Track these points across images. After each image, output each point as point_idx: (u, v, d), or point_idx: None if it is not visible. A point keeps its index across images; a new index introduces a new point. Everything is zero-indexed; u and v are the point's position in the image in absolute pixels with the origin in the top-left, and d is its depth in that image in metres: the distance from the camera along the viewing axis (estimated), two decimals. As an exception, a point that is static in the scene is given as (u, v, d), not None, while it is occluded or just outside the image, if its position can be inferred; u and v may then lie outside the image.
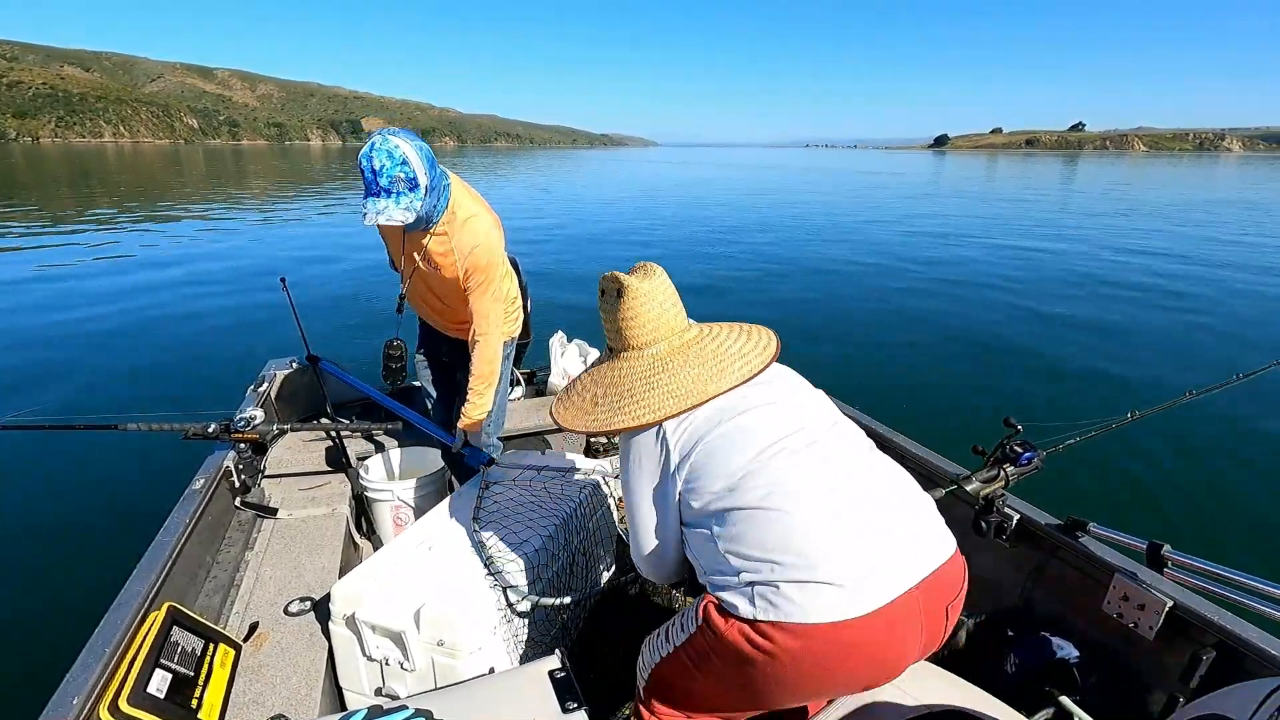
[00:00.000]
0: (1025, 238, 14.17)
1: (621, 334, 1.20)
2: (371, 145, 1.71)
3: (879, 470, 1.11)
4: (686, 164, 73.30)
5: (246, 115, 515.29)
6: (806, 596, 0.94)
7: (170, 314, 7.39)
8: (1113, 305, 8.14)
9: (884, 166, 70.51)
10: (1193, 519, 3.56)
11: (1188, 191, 32.00)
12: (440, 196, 1.85)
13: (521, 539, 1.64)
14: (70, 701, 1.11)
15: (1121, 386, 5.43)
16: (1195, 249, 12.94)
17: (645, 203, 22.35)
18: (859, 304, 8.24)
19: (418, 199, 1.76)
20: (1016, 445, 1.61)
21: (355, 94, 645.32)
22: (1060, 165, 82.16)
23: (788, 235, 14.61)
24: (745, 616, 0.97)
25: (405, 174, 1.71)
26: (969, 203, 23.79)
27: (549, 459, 2.09)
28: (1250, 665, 1.22)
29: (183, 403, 4.83)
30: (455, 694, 1.14)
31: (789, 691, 1.03)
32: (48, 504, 3.55)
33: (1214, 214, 20.15)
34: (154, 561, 1.49)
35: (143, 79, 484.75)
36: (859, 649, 0.96)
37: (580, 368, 3.13)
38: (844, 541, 0.98)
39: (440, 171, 1.84)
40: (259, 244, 12.51)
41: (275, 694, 1.42)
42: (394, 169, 1.70)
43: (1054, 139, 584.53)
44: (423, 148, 1.77)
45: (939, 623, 1.03)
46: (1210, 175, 54.70)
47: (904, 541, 1.02)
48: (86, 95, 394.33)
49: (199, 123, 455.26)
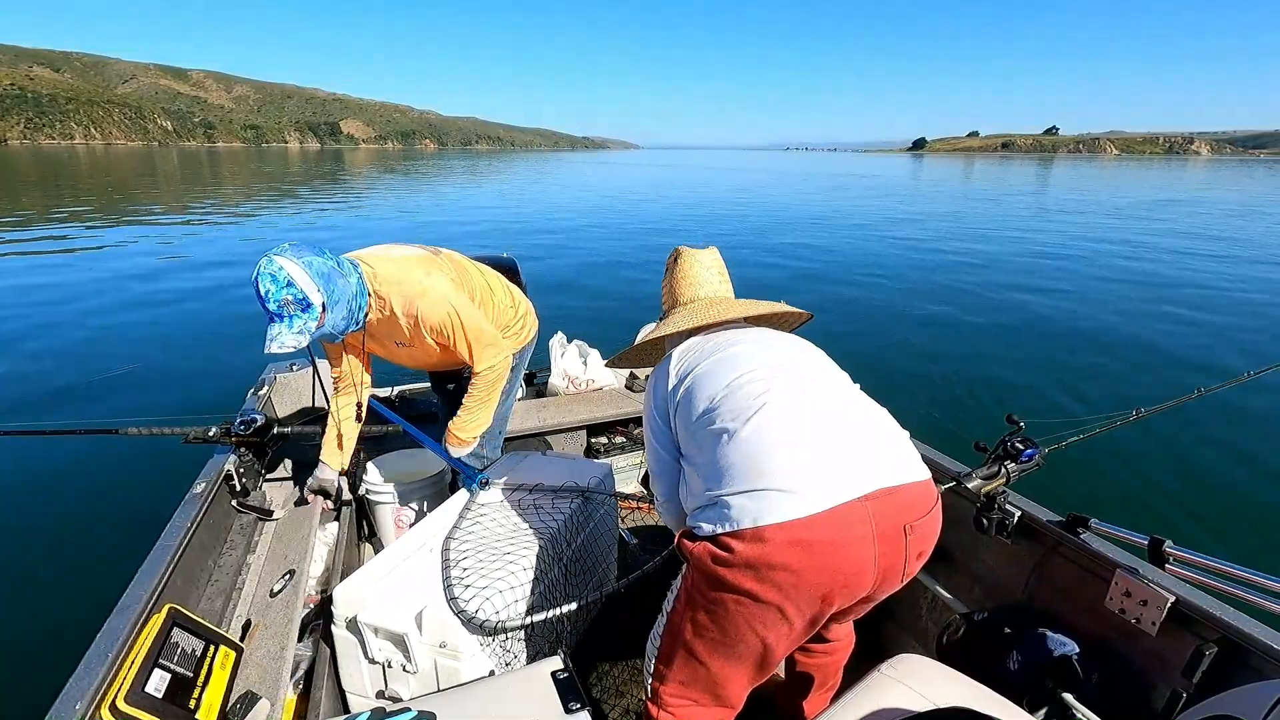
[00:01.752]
0: (1025, 238, 14.19)
1: (672, 292, 1.48)
2: (257, 269, 1.58)
3: (851, 400, 1.19)
4: (671, 167, 73.61)
5: (222, 117, 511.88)
6: (755, 503, 1.01)
7: (170, 316, 7.40)
8: (1112, 305, 8.15)
9: (880, 170, 70.59)
10: (1195, 515, 3.56)
11: (1188, 190, 32.05)
12: (352, 301, 1.69)
13: (518, 546, 1.62)
14: (72, 704, 1.11)
15: (1124, 381, 5.44)
16: (1202, 247, 13.02)
17: (643, 202, 22.40)
18: (857, 305, 8.25)
19: (312, 319, 1.59)
20: (1018, 442, 1.61)
21: (334, 96, 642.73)
22: (1037, 167, 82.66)
23: (788, 235, 14.63)
24: (706, 534, 1.05)
25: (293, 295, 1.57)
26: (968, 202, 23.82)
27: (549, 459, 2.09)
28: (1253, 660, 1.22)
29: (183, 407, 4.83)
30: (458, 695, 1.14)
31: (766, 614, 1.04)
32: (50, 509, 3.56)
33: (1216, 214, 20.21)
34: (156, 565, 1.49)
35: (115, 80, 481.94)
36: (811, 549, 0.99)
37: (580, 368, 3.13)
38: (796, 454, 1.04)
39: (346, 270, 1.69)
40: (256, 243, 12.56)
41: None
42: (279, 293, 1.56)
43: (1029, 142, 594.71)
44: (312, 263, 1.59)
45: (896, 542, 1.04)
46: (1196, 178, 54.74)
47: (857, 455, 1.07)
48: (57, 96, 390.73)
49: (173, 124, 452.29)
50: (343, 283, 1.66)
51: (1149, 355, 6.17)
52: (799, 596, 1.01)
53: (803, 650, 1.48)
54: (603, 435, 2.97)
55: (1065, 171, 69.27)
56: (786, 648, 1.12)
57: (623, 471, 2.85)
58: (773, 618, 1.04)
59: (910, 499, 1.07)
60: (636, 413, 3.00)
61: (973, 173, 59.38)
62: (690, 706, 1.20)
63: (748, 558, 0.99)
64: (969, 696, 1.11)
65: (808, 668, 1.51)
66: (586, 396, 3.09)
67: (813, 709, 1.54)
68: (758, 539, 0.99)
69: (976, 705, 1.03)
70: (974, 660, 1.46)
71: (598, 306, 7.91)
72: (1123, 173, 66.24)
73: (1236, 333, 6.93)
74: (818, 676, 1.51)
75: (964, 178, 46.23)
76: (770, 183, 40.61)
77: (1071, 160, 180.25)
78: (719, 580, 1.04)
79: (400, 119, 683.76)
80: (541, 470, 1.99)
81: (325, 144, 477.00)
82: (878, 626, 2.00)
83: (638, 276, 9.84)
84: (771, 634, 1.07)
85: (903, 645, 1.92)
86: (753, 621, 1.05)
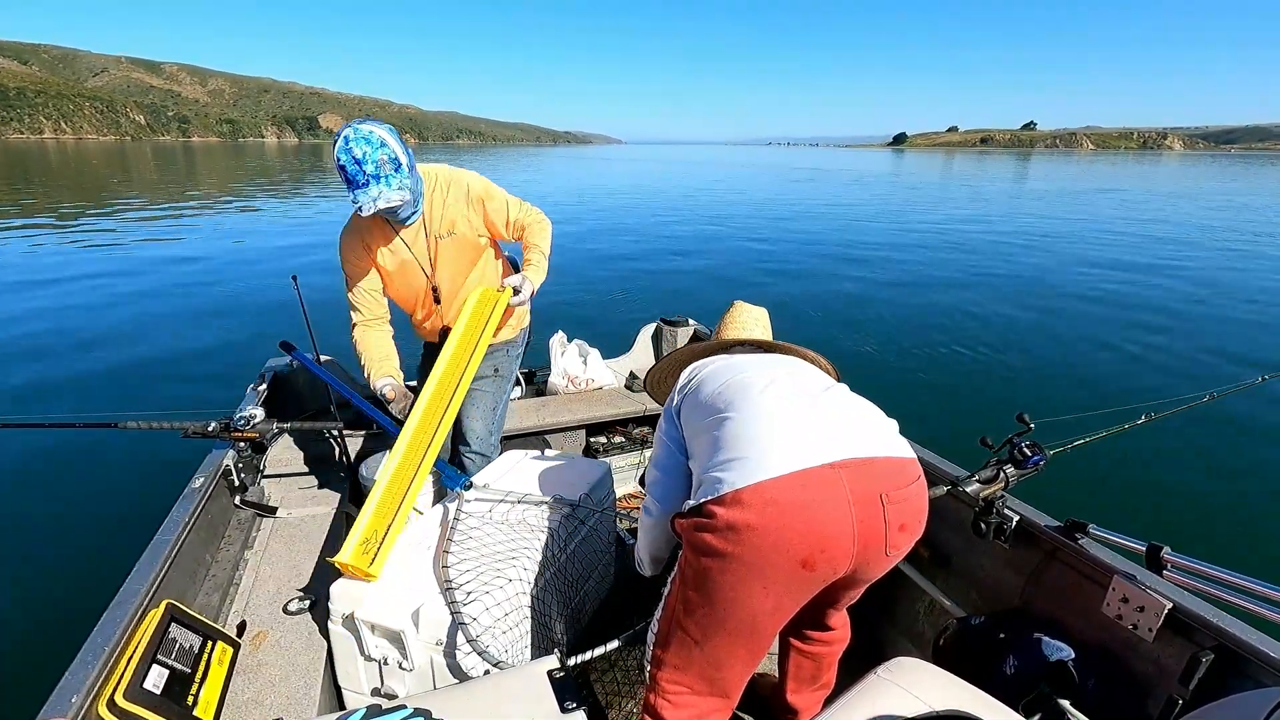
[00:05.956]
0: (1024, 237, 14.19)
1: (718, 330, 1.62)
2: (345, 138, 1.72)
3: (837, 388, 1.27)
4: (665, 162, 73.57)
5: (197, 111, 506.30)
6: (733, 470, 1.07)
7: (169, 313, 7.40)
8: (1112, 306, 8.14)
9: (861, 164, 70.70)
10: (1194, 521, 3.56)
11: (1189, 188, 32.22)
12: (417, 170, 1.90)
13: (516, 546, 1.62)
14: (69, 699, 1.11)
15: (1126, 385, 5.42)
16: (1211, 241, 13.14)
17: (639, 203, 22.40)
18: (858, 302, 8.25)
19: (405, 177, 1.78)
20: (1025, 446, 1.60)
21: (311, 90, 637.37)
22: (1016, 162, 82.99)
23: (786, 234, 14.63)
24: (693, 506, 1.12)
25: (388, 155, 1.73)
26: (966, 201, 23.85)
27: (548, 458, 2.09)
28: (1249, 668, 1.22)
29: (182, 401, 4.83)
30: (454, 694, 1.14)
31: (749, 577, 1.07)
32: (48, 502, 3.56)
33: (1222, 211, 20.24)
34: (153, 560, 1.49)
35: (85, 73, 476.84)
36: (784, 510, 1.03)
37: (580, 368, 3.14)
38: (774, 425, 1.12)
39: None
40: (252, 235, 12.55)
41: (273, 692, 1.42)
42: (375, 153, 1.71)
43: (1007, 137, 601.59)
44: (393, 130, 1.81)
45: (873, 509, 1.07)
46: (1193, 173, 54.99)
47: (834, 427, 1.13)
48: (24, 90, 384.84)
49: (146, 119, 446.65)
50: (410, 154, 1.84)
51: (1163, 357, 6.15)
52: (778, 559, 1.05)
53: (799, 638, 1.49)
54: (602, 435, 2.97)
55: (1071, 168, 69.49)
56: (775, 621, 1.14)
57: (621, 471, 2.84)
58: (755, 581, 1.07)
59: (886, 470, 1.11)
60: (636, 413, 3.00)
61: (961, 169, 59.47)
62: (686, 694, 1.21)
63: (728, 520, 1.05)
64: (965, 700, 1.11)
65: (801, 661, 1.51)
66: (586, 396, 3.09)
67: (805, 706, 1.55)
68: (736, 502, 1.04)
69: (972, 709, 1.03)
70: (970, 664, 1.45)
71: (596, 304, 7.91)
72: (1128, 169, 66.32)
73: (1258, 333, 6.88)
74: (811, 671, 1.52)
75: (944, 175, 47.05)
76: (755, 176, 41.11)
77: (1049, 155, 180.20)
78: (703, 546, 1.09)
79: (379, 113, 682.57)
80: (540, 469, 1.99)
81: (303, 139, 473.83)
82: (874, 629, 2.00)
83: (637, 273, 9.85)
84: (756, 600, 1.09)
85: (899, 648, 1.92)
86: (737, 586, 1.08)
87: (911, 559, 1.93)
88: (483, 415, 2.31)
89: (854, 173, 48.77)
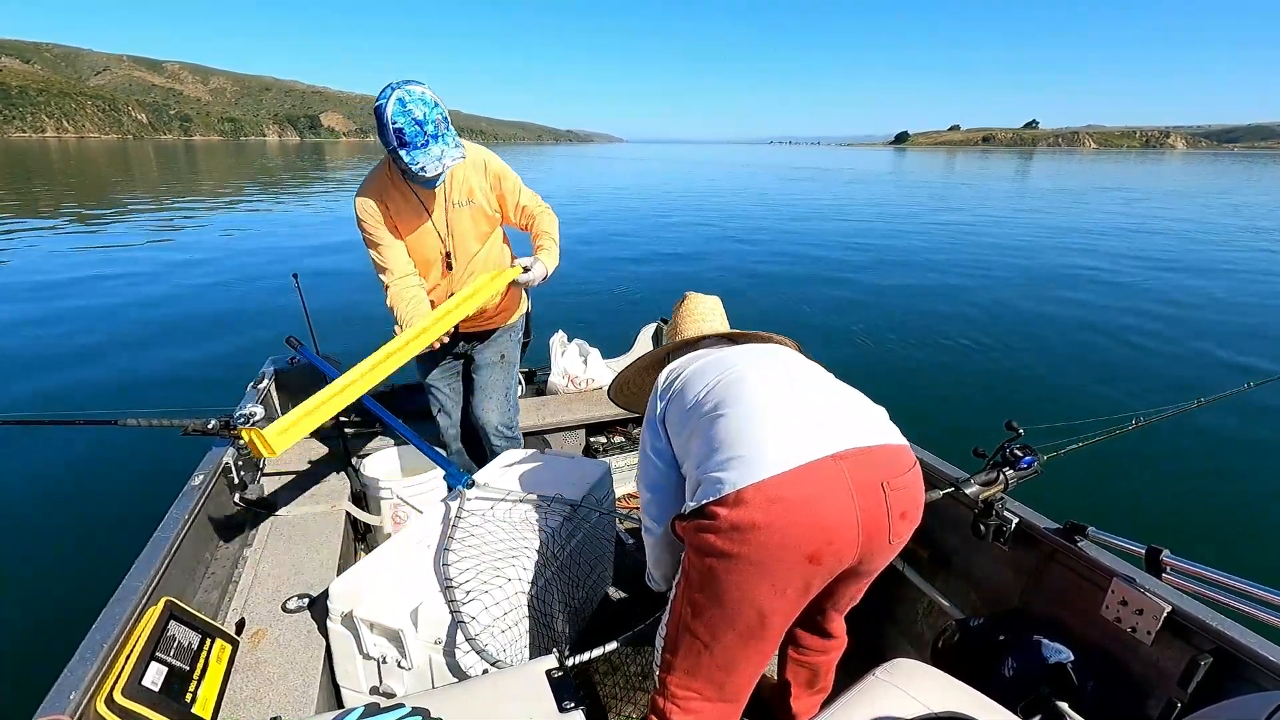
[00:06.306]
0: (1024, 237, 14.18)
1: (675, 326, 1.59)
2: (400, 100, 1.68)
3: (826, 378, 1.26)
4: (666, 161, 73.60)
5: (199, 110, 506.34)
6: (734, 469, 1.06)
7: (170, 312, 7.40)
8: (1112, 309, 8.14)
9: (881, 165, 70.74)
10: (1192, 524, 3.56)
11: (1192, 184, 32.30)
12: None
13: (516, 545, 1.62)
14: (68, 695, 1.11)
15: (1124, 389, 5.43)
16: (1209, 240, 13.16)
17: (638, 203, 22.40)
18: (856, 303, 8.25)
19: (455, 136, 1.77)
20: (1017, 450, 1.61)
21: (313, 88, 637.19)
22: (1018, 160, 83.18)
23: (786, 234, 14.63)
24: (694, 508, 1.10)
25: (442, 115, 1.72)
26: (966, 201, 23.87)
27: (547, 458, 2.09)
28: (1248, 671, 1.22)
29: (182, 398, 4.83)
30: (452, 693, 1.13)
31: (757, 576, 1.06)
32: (47, 499, 3.56)
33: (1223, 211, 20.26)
34: (152, 557, 1.49)
35: (87, 71, 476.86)
36: (790, 506, 1.02)
37: (580, 367, 3.13)
38: (770, 422, 1.10)
39: None
40: (254, 236, 12.55)
41: (272, 690, 1.42)
42: (433, 113, 1.70)
43: (1009, 136, 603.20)
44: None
45: (875, 497, 1.07)
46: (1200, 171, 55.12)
47: (830, 419, 1.12)
48: (26, 88, 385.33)
49: (148, 117, 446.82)
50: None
51: (1153, 361, 6.16)
52: (785, 555, 1.04)
53: (796, 648, 1.49)
54: (602, 434, 2.97)
55: (1073, 166, 69.54)
56: (783, 619, 1.13)
57: (621, 471, 2.84)
58: (762, 579, 1.06)
59: (885, 458, 1.11)
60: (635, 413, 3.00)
61: (963, 168, 59.53)
62: (695, 700, 1.20)
63: (732, 520, 1.04)
64: (963, 702, 1.11)
65: (800, 667, 1.51)
66: (586, 395, 3.09)
67: (803, 709, 1.55)
68: (739, 502, 1.03)
69: (970, 711, 1.03)
70: (969, 666, 1.45)
71: (596, 304, 7.91)
72: (1130, 167, 66.36)
73: (1245, 340, 6.90)
74: (809, 677, 1.52)
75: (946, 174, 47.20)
76: (756, 176, 41.18)
77: (1051, 154, 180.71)
78: (708, 547, 1.08)
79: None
80: (540, 469, 1.99)
81: (305, 137, 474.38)
82: (873, 630, 2.00)
83: (638, 273, 9.84)
84: (764, 598, 1.08)
85: (898, 650, 1.92)
86: (744, 586, 1.07)
87: (911, 560, 1.93)
88: (498, 405, 2.34)
89: (855, 172, 48.99)
